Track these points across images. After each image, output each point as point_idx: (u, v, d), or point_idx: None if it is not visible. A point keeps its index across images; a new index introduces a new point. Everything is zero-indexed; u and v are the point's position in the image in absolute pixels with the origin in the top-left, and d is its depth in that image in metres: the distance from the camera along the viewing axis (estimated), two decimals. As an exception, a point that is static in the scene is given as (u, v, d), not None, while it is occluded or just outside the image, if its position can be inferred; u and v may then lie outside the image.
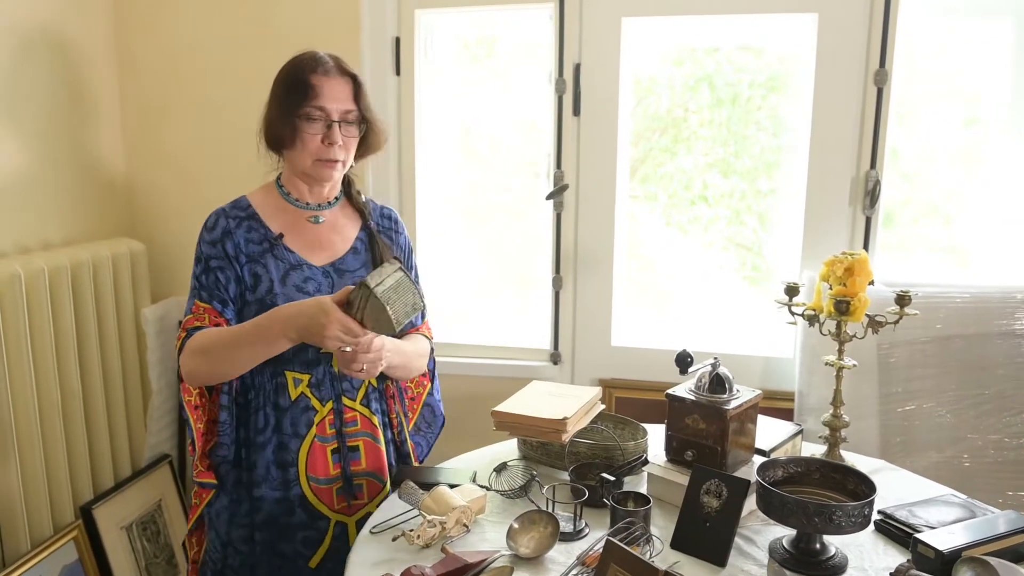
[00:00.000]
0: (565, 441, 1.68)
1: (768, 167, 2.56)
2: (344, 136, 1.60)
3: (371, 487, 1.68)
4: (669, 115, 2.59)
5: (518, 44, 2.70)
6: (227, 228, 1.61)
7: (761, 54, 2.53)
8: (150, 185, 2.69)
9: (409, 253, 1.79)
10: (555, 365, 2.60)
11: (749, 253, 2.66)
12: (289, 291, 1.59)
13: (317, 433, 1.62)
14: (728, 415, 1.57)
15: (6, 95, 2.21)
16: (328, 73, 1.59)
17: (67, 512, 2.28)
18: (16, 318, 2.07)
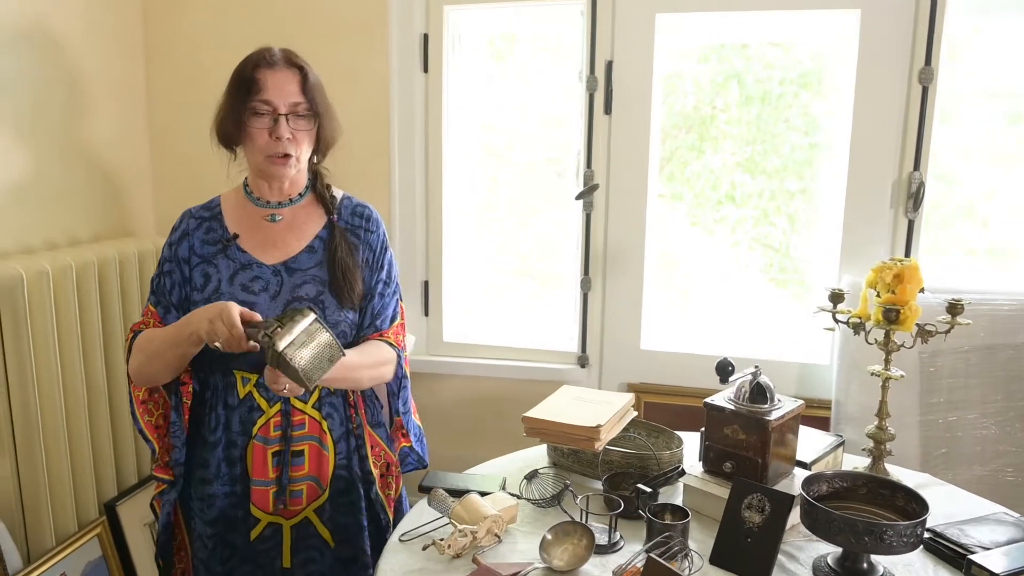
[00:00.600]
0: (598, 450, 1.63)
1: (798, 166, 2.50)
2: (293, 129, 1.55)
3: (310, 491, 1.62)
4: (696, 113, 2.53)
5: (546, 42, 2.65)
6: (187, 229, 1.63)
7: (791, 50, 2.47)
8: (175, 183, 2.66)
9: (381, 253, 1.67)
10: (582, 368, 2.55)
11: (776, 254, 2.60)
12: (235, 290, 1.57)
13: (259, 434, 1.58)
14: (770, 426, 1.51)
15: (33, 90, 2.19)
16: (273, 66, 1.55)
17: (91, 509, 2.27)
18: (43, 314, 2.06)
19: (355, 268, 1.61)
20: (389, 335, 1.66)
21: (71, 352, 2.16)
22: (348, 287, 1.59)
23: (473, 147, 2.67)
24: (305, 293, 1.59)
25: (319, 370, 1.36)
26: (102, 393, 2.28)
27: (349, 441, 1.65)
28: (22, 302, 1.99)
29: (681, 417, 2.40)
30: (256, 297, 1.57)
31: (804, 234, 2.52)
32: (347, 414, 1.65)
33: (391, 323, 1.67)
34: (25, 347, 2.02)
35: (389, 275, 1.68)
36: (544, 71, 2.63)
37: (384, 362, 1.63)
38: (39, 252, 2.18)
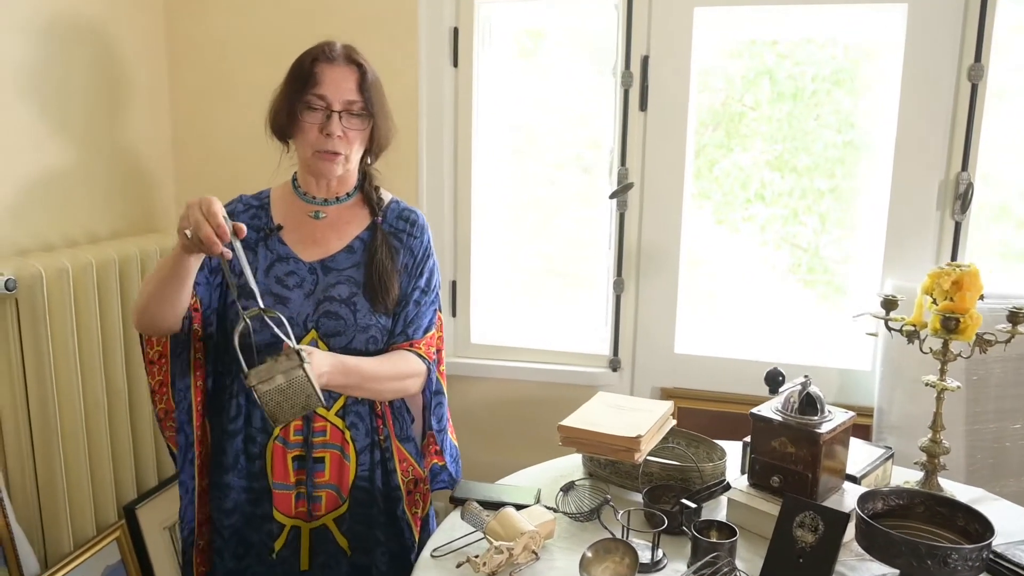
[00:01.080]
0: (638, 461, 1.56)
1: (830, 164, 2.43)
2: (345, 127, 1.51)
3: (330, 499, 1.58)
4: (725, 109, 2.46)
5: (579, 36, 2.58)
6: (233, 211, 1.60)
7: (824, 47, 2.40)
8: (198, 178, 2.61)
9: (423, 260, 1.62)
10: (614, 372, 2.48)
11: (805, 254, 2.53)
12: (269, 282, 1.55)
13: (280, 435, 1.55)
14: (821, 439, 1.43)
15: (57, 87, 2.14)
16: (332, 61, 1.52)
17: (110, 512, 2.22)
18: (63, 313, 2.01)
19: (393, 272, 1.56)
20: (420, 346, 1.59)
21: (91, 352, 2.11)
22: (383, 291, 1.54)
23: (503, 144, 2.60)
24: (338, 294, 1.54)
25: (286, 414, 1.30)
26: (122, 394, 2.23)
27: (373, 453, 1.59)
28: (41, 300, 1.95)
29: (717, 423, 2.33)
30: (290, 292, 1.54)
31: (835, 233, 2.44)
32: (373, 425, 1.59)
33: (424, 333, 1.60)
34: (44, 347, 1.97)
35: (429, 284, 1.62)
36: (576, 66, 2.56)
37: (408, 374, 1.56)
38: (59, 249, 2.13)
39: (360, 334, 1.53)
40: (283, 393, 1.28)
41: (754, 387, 2.36)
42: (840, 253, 2.47)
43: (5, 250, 2.02)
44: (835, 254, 2.48)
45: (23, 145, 2.06)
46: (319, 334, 1.53)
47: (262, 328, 1.49)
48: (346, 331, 1.52)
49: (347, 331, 1.52)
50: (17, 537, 1.98)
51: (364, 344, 1.54)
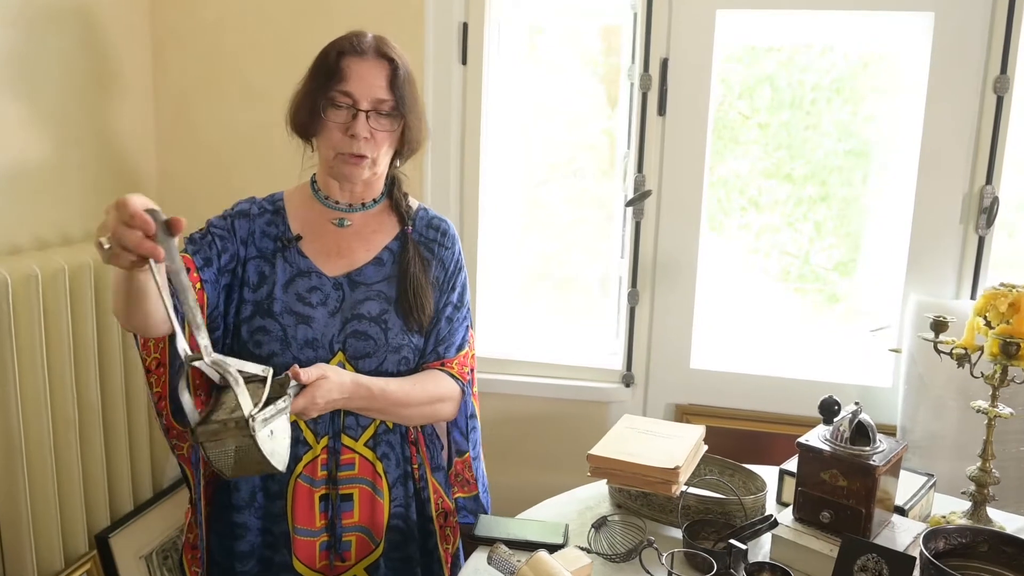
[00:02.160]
0: (676, 494, 1.45)
1: (827, 172, 2.39)
2: (373, 128, 1.37)
3: (360, 545, 1.42)
4: (726, 115, 2.39)
5: (593, 37, 2.48)
6: (247, 211, 1.46)
7: (825, 54, 2.35)
8: (182, 177, 2.44)
9: (455, 273, 1.50)
10: (627, 388, 2.37)
11: (795, 260, 2.49)
12: (289, 299, 1.40)
13: (304, 472, 1.39)
14: (876, 472, 1.33)
15: (27, 74, 1.96)
16: (362, 54, 1.36)
17: (80, 542, 2.04)
18: (31, 323, 1.83)
19: (427, 286, 1.42)
20: (453, 366, 1.45)
21: (61, 365, 1.92)
22: (418, 307, 1.40)
23: (512, 147, 2.48)
24: (367, 311, 1.39)
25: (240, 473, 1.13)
26: (95, 412, 2.05)
27: (407, 485, 1.45)
28: (6, 309, 1.76)
29: (739, 442, 2.24)
30: (313, 311, 1.38)
31: (828, 241, 2.41)
32: (406, 454, 1.44)
33: (457, 352, 1.47)
34: (8, 359, 1.79)
35: (461, 299, 1.49)
36: (591, 68, 2.46)
37: (442, 398, 1.42)
38: (27, 252, 1.95)
39: (392, 355, 1.39)
40: (232, 457, 1.12)
41: (773, 404, 2.28)
42: (831, 261, 2.44)
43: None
44: (826, 262, 2.45)
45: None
46: (346, 356, 1.38)
47: (283, 350, 1.36)
48: (376, 352, 1.38)
49: (377, 352, 1.38)
50: (-25, 571, 1.81)
51: (396, 366, 1.40)
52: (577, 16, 2.41)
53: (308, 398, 1.22)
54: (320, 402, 1.24)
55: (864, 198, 2.38)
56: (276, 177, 1.75)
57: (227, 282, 1.41)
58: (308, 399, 1.22)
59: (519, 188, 2.53)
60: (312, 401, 1.23)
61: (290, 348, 1.37)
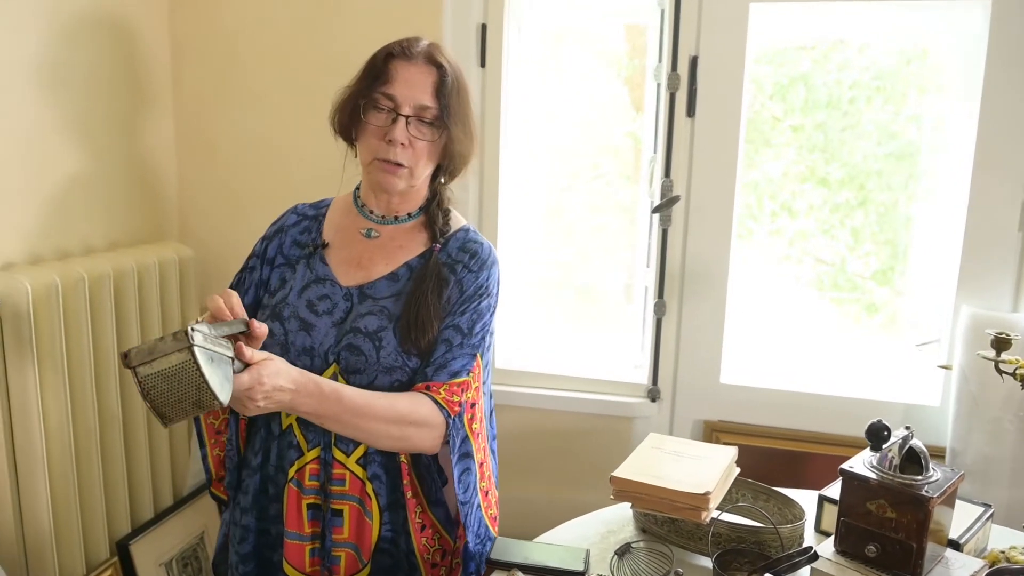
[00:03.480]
0: (705, 521, 1.35)
1: (865, 176, 2.28)
2: (413, 136, 1.30)
3: (349, 561, 1.36)
4: (758, 116, 2.30)
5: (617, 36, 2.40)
6: (284, 225, 1.48)
7: (864, 51, 2.24)
8: (202, 185, 2.41)
9: (471, 298, 1.37)
10: (653, 403, 2.27)
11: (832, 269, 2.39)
12: (300, 305, 1.37)
13: (295, 477, 1.34)
14: (929, 503, 1.23)
15: (52, 89, 1.94)
16: (410, 58, 1.31)
17: (101, 548, 2.04)
18: (52, 333, 1.82)
19: (435, 309, 1.33)
20: (440, 392, 1.31)
21: (81, 375, 1.92)
22: (418, 329, 1.31)
23: (532, 152, 2.40)
24: (364, 325, 1.33)
25: (177, 409, 1.05)
26: (116, 420, 2.04)
27: (399, 513, 1.37)
28: (27, 319, 1.75)
29: (772, 462, 2.13)
30: (317, 319, 1.35)
31: (866, 248, 2.31)
32: (397, 480, 1.37)
33: (449, 378, 1.32)
34: (30, 369, 1.78)
35: (471, 327, 1.36)
36: (608, 68, 2.38)
37: (415, 422, 1.29)
38: (48, 262, 1.93)
39: (383, 375, 1.32)
40: (168, 380, 1.03)
41: (809, 422, 2.17)
42: (869, 269, 2.34)
43: (-8, 267, 1.82)
44: (865, 271, 2.35)
45: (11, 150, 1.86)
46: (340, 368, 1.33)
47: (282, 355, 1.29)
48: (367, 369, 1.32)
49: (368, 369, 1.31)
50: (-3, 578, 1.80)
51: (388, 386, 1.33)
52: (600, 15, 2.33)
53: (254, 374, 1.14)
54: (266, 383, 1.15)
55: (906, 203, 2.26)
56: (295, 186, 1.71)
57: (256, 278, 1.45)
58: (254, 375, 1.14)
59: (540, 194, 2.46)
60: (258, 379, 1.14)
61: (288, 354, 1.33)
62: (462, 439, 1.35)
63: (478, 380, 1.38)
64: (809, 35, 2.26)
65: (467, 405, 1.35)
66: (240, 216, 2.36)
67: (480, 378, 1.39)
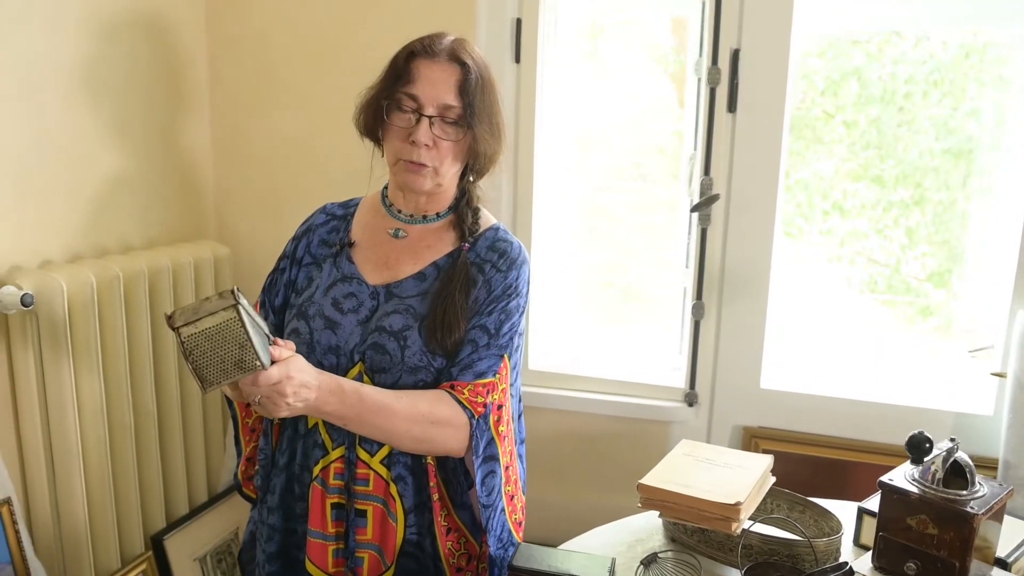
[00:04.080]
0: (736, 532, 1.30)
1: (921, 174, 2.19)
2: (437, 136, 1.27)
3: (372, 563, 1.34)
4: (808, 112, 2.22)
5: (658, 29, 2.33)
6: (312, 224, 1.47)
7: (920, 44, 2.15)
8: (239, 184, 2.42)
9: (499, 298, 1.33)
10: (690, 407, 2.21)
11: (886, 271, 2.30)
12: (326, 303, 1.35)
13: (320, 476, 1.33)
14: (974, 520, 1.15)
15: (90, 88, 1.97)
16: (433, 56, 1.28)
17: (136, 543, 2.06)
18: (87, 330, 1.84)
19: (463, 309, 1.31)
20: (464, 391, 1.29)
21: (116, 371, 1.94)
22: (444, 329, 1.29)
23: (568, 150, 2.36)
24: (390, 324, 1.31)
25: (218, 370, 1.05)
26: (151, 417, 2.06)
27: (425, 515, 1.34)
28: (62, 316, 1.78)
29: (814, 471, 2.06)
30: (343, 317, 1.33)
31: (921, 249, 2.21)
32: (423, 482, 1.34)
33: (474, 378, 1.30)
34: (65, 366, 1.81)
35: (499, 327, 1.33)
36: (647, 62, 2.32)
37: (438, 421, 1.26)
38: (86, 260, 1.96)
39: (408, 375, 1.30)
40: (211, 340, 1.03)
41: (855, 430, 2.09)
42: (926, 271, 2.25)
43: (28, 262, 1.85)
44: (921, 272, 2.25)
45: (51, 150, 1.89)
46: (365, 367, 1.31)
47: (308, 354, 1.30)
48: (392, 368, 1.30)
49: (393, 368, 1.30)
50: (34, 570, 1.84)
51: (412, 387, 1.31)
52: (642, 8, 2.27)
53: (283, 368, 1.13)
54: (295, 377, 1.13)
55: (964, 202, 2.16)
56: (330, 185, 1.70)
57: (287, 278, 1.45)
58: (283, 369, 1.13)
59: (578, 193, 2.41)
60: (287, 373, 1.13)
61: (314, 352, 1.32)
62: (487, 441, 1.32)
63: (505, 382, 1.35)
64: (861, 27, 2.18)
65: (493, 407, 1.32)
66: (275, 215, 2.36)
67: (508, 380, 1.36)
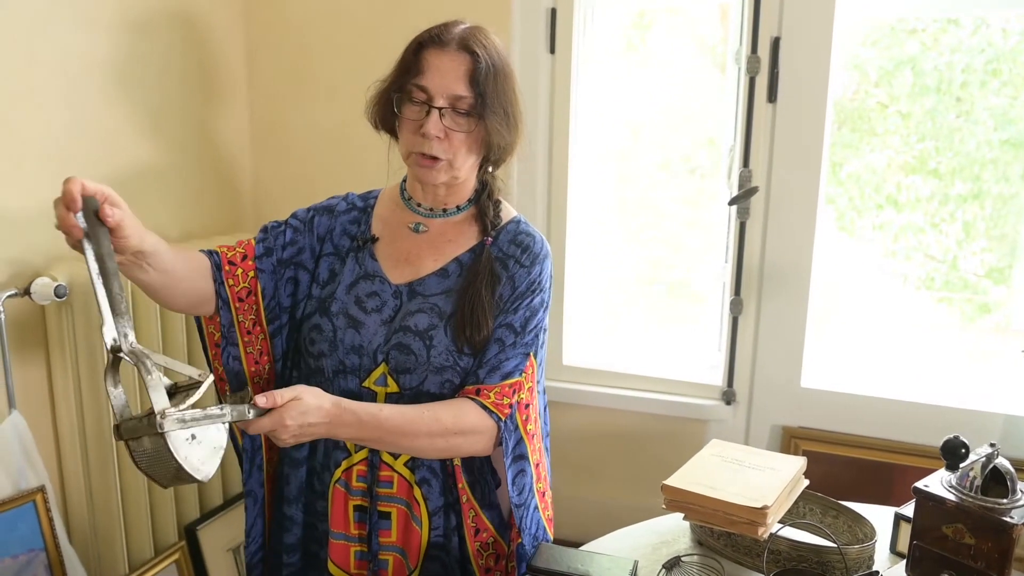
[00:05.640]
0: (763, 537, 1.25)
1: (979, 166, 2.11)
2: (448, 128, 1.24)
3: (397, 566, 1.32)
4: (857, 104, 2.15)
5: (695, 18, 2.28)
6: (333, 209, 1.42)
7: (978, 31, 2.07)
8: (276, 177, 2.44)
9: (524, 294, 1.32)
10: (728, 405, 2.16)
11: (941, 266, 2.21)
12: (348, 301, 1.33)
13: (342, 477, 1.31)
14: (1014, 531, 1.09)
15: (129, 82, 2.00)
16: (443, 46, 1.25)
17: (170, 532, 2.08)
18: (121, 321, 1.86)
19: (489, 305, 1.28)
20: (489, 395, 1.27)
21: (151, 363, 1.96)
22: (473, 327, 1.27)
23: (604, 142, 2.32)
24: (415, 324, 1.28)
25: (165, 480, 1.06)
26: (185, 406, 2.08)
27: (449, 517, 1.33)
28: (96, 308, 1.80)
29: (858, 474, 1.99)
30: (366, 316, 1.31)
31: (979, 244, 2.13)
32: (449, 484, 1.33)
33: (501, 380, 1.28)
34: (99, 356, 1.83)
35: (524, 325, 1.31)
36: (691, 53, 2.27)
37: (462, 431, 1.25)
38: (122, 252, 1.99)
39: (433, 375, 1.28)
40: (150, 458, 1.03)
41: (901, 431, 2.02)
42: (985, 267, 2.17)
43: (63, 254, 1.88)
44: (979, 268, 2.17)
45: (90, 143, 1.92)
46: (389, 368, 1.29)
47: (331, 352, 1.30)
48: (417, 369, 1.28)
49: (418, 369, 1.28)
50: (68, 558, 1.86)
51: (439, 387, 1.29)
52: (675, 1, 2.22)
53: (275, 418, 1.12)
54: (290, 423, 1.13)
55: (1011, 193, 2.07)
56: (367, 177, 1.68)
57: (291, 275, 1.38)
58: (275, 419, 1.12)
59: (619, 186, 2.36)
60: (280, 422, 1.12)
61: (337, 351, 1.31)
62: (516, 441, 1.31)
63: (532, 380, 1.33)
64: (913, 13, 2.10)
65: (520, 406, 1.30)
66: (312, 207, 2.37)
67: (534, 378, 1.34)
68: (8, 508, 1.75)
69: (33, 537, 1.80)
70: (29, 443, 1.80)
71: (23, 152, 1.77)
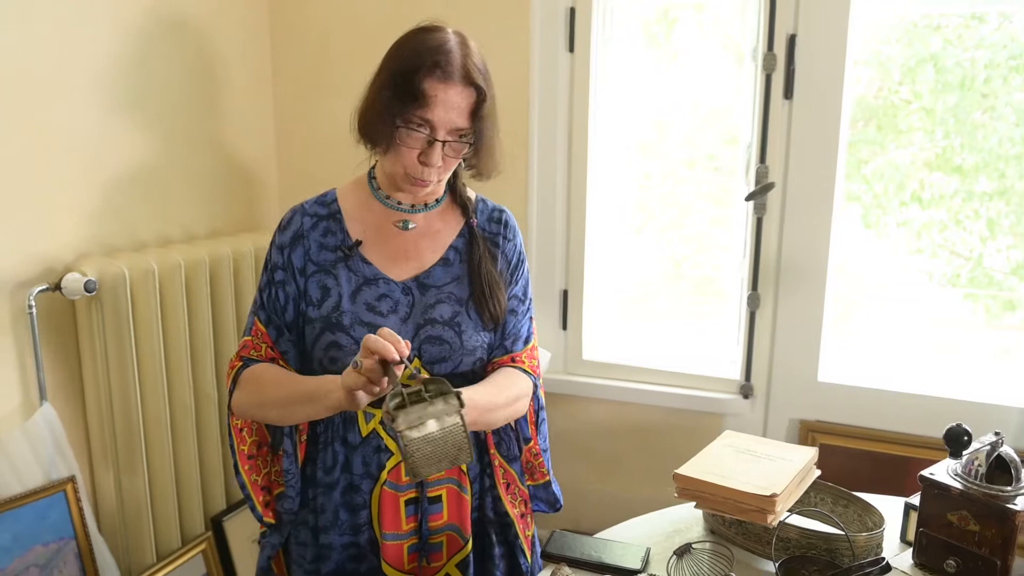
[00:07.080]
0: (772, 524, 1.27)
1: (1003, 162, 2.10)
2: (446, 156, 1.27)
3: (451, 543, 1.36)
4: (881, 101, 2.15)
5: (713, 16, 2.29)
6: (299, 231, 1.36)
7: (1001, 28, 2.06)
8: (302, 175, 2.49)
9: (517, 265, 1.43)
10: (745, 399, 2.17)
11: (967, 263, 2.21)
12: (358, 309, 1.31)
13: (389, 479, 1.32)
14: (1017, 517, 1.10)
15: (157, 82, 2.06)
16: (447, 79, 1.24)
17: (196, 523, 2.14)
18: (149, 315, 1.92)
19: (501, 279, 1.37)
20: (524, 360, 1.39)
21: (178, 356, 2.02)
22: (494, 303, 1.34)
23: (623, 139, 2.34)
24: (440, 315, 1.32)
25: (432, 467, 1.08)
26: (211, 401, 2.13)
27: (483, 480, 1.39)
28: (125, 302, 1.86)
29: (874, 467, 2.00)
30: (384, 319, 1.31)
31: (1004, 241, 2.12)
32: (484, 448, 1.40)
33: (524, 345, 1.41)
34: (128, 351, 1.89)
35: (524, 291, 1.42)
36: (709, 50, 2.28)
37: (520, 396, 1.35)
38: (150, 248, 2.05)
39: (467, 357, 1.33)
40: (433, 443, 1.06)
41: (918, 425, 2.01)
42: (1010, 264, 2.16)
43: (94, 250, 1.95)
44: (1005, 265, 2.17)
45: (118, 142, 1.98)
46: (422, 362, 1.32)
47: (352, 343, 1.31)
48: (452, 356, 1.32)
49: (453, 356, 1.32)
50: (98, 547, 1.92)
51: (471, 367, 1.35)
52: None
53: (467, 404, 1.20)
54: None
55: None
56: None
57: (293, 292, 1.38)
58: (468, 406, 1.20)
59: (631, 184, 2.38)
60: None
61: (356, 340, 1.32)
62: (540, 396, 1.43)
63: (536, 337, 1.46)
64: (934, 9, 2.09)
65: None
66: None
67: (537, 335, 1.47)
68: (39, 497, 1.81)
69: (64, 526, 1.85)
70: (60, 435, 1.86)
71: (55, 150, 1.83)
